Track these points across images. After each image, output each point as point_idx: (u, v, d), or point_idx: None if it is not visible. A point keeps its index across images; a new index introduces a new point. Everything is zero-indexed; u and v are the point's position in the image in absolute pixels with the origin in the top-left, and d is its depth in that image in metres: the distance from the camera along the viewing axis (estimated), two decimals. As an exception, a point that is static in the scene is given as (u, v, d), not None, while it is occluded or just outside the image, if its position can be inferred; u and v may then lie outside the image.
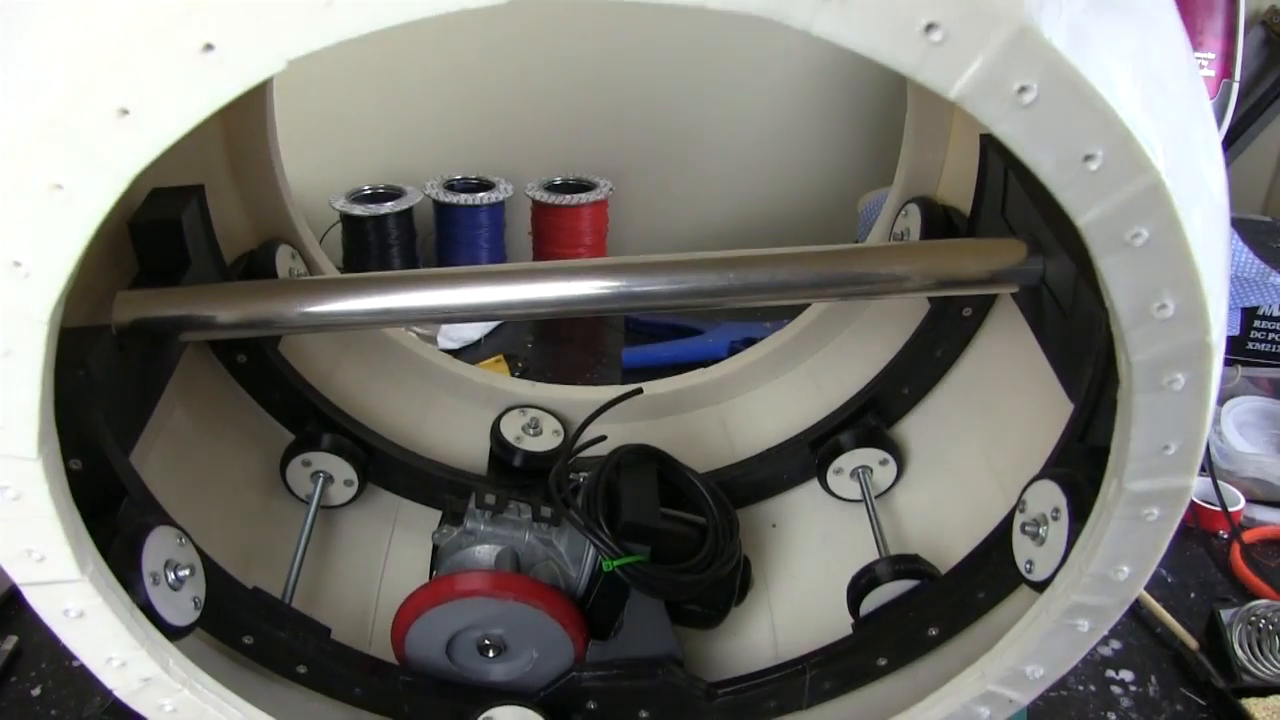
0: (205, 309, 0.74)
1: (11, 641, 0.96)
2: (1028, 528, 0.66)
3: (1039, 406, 0.82)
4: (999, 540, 0.73)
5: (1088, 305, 0.66)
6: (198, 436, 0.88)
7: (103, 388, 0.65)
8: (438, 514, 0.95)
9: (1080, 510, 0.61)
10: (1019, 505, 0.68)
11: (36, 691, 0.92)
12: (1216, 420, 1.22)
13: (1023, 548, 0.67)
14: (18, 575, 0.55)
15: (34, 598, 0.56)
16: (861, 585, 0.83)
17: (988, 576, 0.74)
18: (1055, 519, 0.63)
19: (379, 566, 0.96)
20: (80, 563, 0.55)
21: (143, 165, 0.44)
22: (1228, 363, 0.73)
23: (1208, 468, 1.11)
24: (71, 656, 0.59)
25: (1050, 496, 0.64)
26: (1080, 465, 0.65)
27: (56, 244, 0.46)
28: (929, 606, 0.78)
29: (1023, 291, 0.77)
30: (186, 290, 0.77)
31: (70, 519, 0.55)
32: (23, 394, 0.50)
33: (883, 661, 0.80)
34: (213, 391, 0.91)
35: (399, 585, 0.91)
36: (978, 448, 0.90)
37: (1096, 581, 0.59)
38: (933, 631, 0.78)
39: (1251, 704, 0.88)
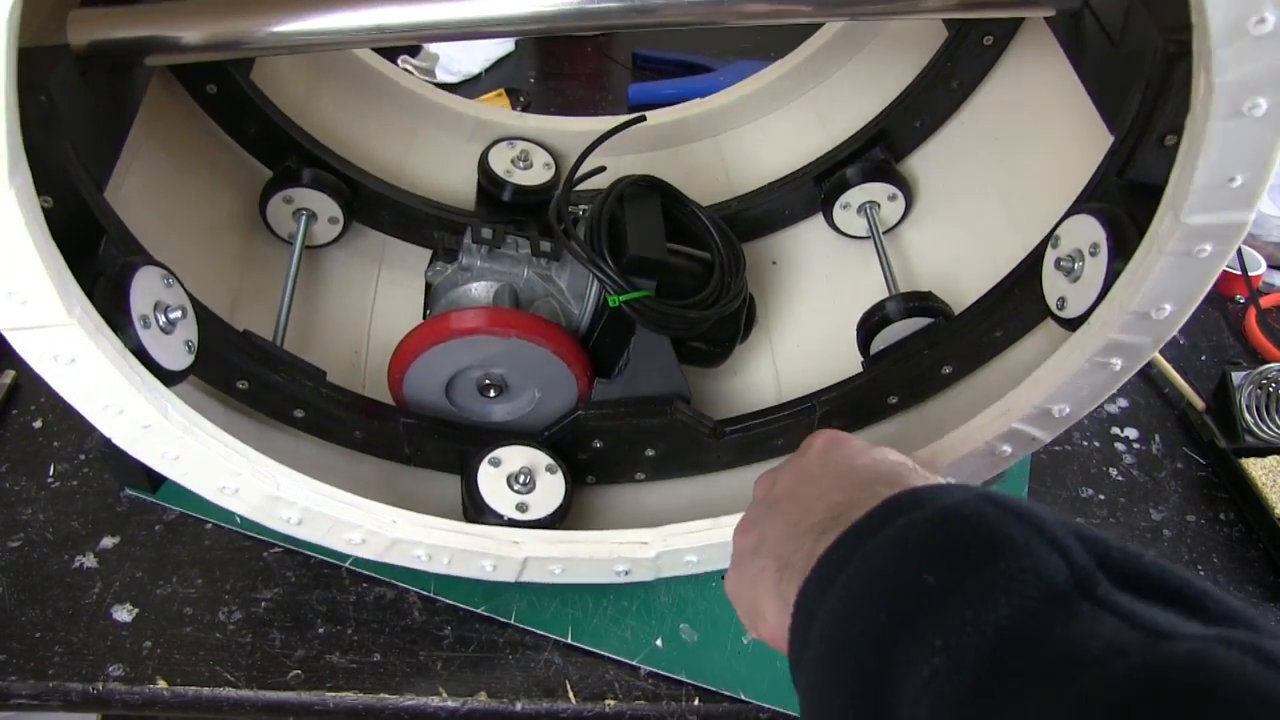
0: (169, 28, 0.68)
1: (10, 375, 0.94)
2: (1062, 263, 0.63)
3: (1060, 142, 0.78)
4: (1021, 277, 0.71)
5: (1140, 32, 0.61)
6: (170, 176, 0.82)
7: (68, 118, 0.60)
8: (424, 252, 0.92)
9: (1121, 246, 0.58)
10: (1052, 240, 0.65)
11: (38, 424, 0.91)
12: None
13: (1054, 284, 0.64)
14: (1, 321, 0.51)
15: (21, 344, 0.53)
16: (872, 323, 0.81)
17: (1007, 314, 0.72)
18: (1093, 254, 0.60)
19: (368, 307, 0.92)
20: (67, 305, 0.51)
21: None
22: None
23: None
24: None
25: (1088, 231, 0.61)
26: (1119, 200, 0.62)
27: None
28: (943, 344, 0.76)
29: (1060, 16, 0.72)
30: (146, 8, 0.69)
31: (51, 258, 0.50)
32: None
33: (893, 400, 0.79)
34: (182, 128, 0.84)
35: (389, 327, 0.89)
36: (991, 184, 0.86)
37: (1136, 319, 0.56)
38: (946, 370, 0.76)
39: (1249, 464, 0.90)
